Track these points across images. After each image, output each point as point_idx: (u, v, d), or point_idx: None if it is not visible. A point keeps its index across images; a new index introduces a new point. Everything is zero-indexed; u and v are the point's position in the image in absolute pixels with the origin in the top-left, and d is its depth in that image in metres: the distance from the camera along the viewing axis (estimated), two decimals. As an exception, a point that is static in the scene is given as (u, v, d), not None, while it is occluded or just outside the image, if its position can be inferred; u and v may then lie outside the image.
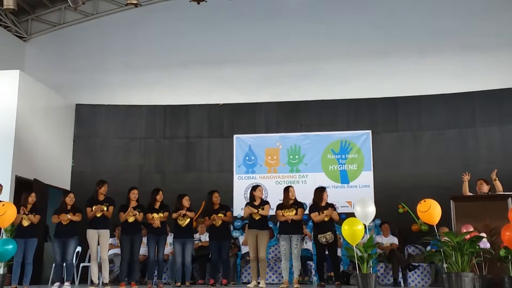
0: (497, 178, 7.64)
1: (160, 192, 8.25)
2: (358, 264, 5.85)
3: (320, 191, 7.96)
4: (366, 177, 10.70)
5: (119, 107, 11.67)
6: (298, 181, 10.74)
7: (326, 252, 7.86)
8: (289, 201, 7.80)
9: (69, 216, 7.79)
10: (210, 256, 8.51)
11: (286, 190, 7.89)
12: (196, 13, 11.97)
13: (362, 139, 10.91)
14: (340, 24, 11.57)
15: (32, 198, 7.92)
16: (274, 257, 9.60)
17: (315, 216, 7.77)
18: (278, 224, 8.20)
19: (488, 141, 10.47)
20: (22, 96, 9.79)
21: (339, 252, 8.84)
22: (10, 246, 6.87)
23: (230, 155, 11.22)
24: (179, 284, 8.18)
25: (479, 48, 10.90)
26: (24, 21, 12.66)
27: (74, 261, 8.07)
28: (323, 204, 7.83)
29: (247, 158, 11.18)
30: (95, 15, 12.52)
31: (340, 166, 10.89)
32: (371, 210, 6.22)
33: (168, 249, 8.97)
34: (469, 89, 10.60)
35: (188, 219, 8.18)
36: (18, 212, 7.45)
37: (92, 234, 7.86)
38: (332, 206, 7.85)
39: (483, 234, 6.05)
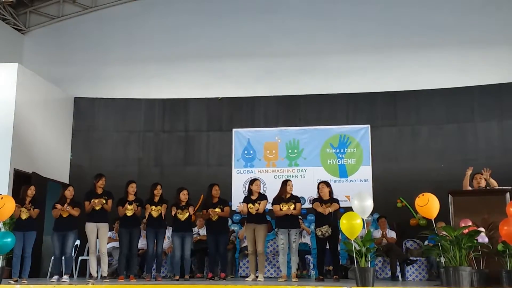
0: (490, 178, 7.59)
1: (159, 186, 8.20)
2: (356, 258, 5.86)
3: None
4: (365, 172, 10.72)
5: (118, 100, 11.65)
6: (297, 175, 10.76)
7: (327, 247, 7.86)
8: (286, 195, 7.78)
9: (68, 208, 7.76)
10: (208, 250, 8.52)
11: (284, 184, 7.85)
12: (196, 7, 11.98)
13: (361, 134, 10.91)
14: (339, 18, 11.56)
15: (31, 191, 7.91)
16: (272, 251, 9.61)
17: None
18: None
19: (487, 136, 10.48)
20: (20, 89, 9.76)
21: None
22: (9, 239, 6.87)
23: (229, 149, 11.22)
24: (177, 277, 8.19)
25: (478, 42, 10.89)
26: (22, 13, 12.60)
27: (73, 254, 8.07)
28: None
29: (246, 152, 11.18)
30: (94, 8, 12.48)
31: (338, 161, 10.90)
32: (369, 203, 6.21)
33: (166, 243, 8.96)
34: (468, 83, 10.61)
35: (188, 213, 8.17)
36: (18, 205, 7.44)
37: (91, 228, 7.85)
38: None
39: (481, 229, 6.06)
